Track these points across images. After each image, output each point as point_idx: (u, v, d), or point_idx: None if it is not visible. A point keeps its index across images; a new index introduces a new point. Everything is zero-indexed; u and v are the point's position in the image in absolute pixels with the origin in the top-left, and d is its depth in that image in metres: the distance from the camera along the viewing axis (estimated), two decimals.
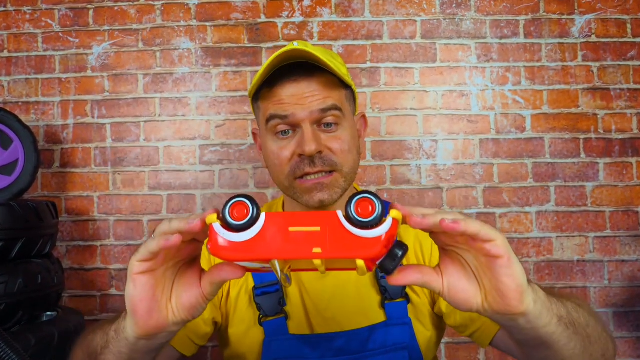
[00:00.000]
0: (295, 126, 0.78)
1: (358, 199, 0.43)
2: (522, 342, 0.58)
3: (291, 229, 0.43)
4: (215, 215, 0.45)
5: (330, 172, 0.78)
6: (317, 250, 0.42)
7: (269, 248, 0.43)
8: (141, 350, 0.55)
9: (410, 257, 0.83)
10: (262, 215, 0.44)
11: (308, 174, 0.77)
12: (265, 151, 0.83)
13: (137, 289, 0.50)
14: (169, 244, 0.46)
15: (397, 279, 0.48)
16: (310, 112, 0.77)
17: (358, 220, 0.43)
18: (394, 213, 0.45)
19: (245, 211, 0.44)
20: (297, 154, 0.78)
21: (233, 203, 0.44)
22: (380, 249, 0.43)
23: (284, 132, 0.79)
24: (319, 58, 0.74)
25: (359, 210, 0.43)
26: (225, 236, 0.44)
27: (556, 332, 0.53)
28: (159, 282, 0.51)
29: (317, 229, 0.43)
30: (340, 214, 0.44)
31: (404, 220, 0.47)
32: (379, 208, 0.43)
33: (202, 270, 0.53)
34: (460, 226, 0.45)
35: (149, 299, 0.50)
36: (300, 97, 0.77)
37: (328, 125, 0.79)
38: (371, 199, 0.43)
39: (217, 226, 0.44)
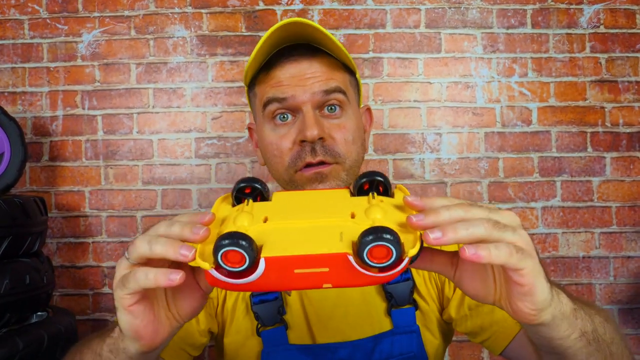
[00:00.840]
0: (295, 110, 0.73)
1: (372, 246, 0.38)
2: (535, 344, 0.55)
3: (297, 271, 0.40)
4: (207, 264, 0.40)
5: (332, 163, 0.73)
6: (327, 285, 0.41)
7: (275, 285, 0.41)
8: None
9: (426, 280, 0.78)
10: (262, 262, 0.40)
11: (309, 164, 0.71)
12: (263, 142, 0.77)
13: (137, 319, 0.46)
14: (173, 284, 0.42)
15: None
16: (312, 94, 0.71)
17: (371, 265, 0.39)
18: (411, 252, 0.40)
19: (240, 258, 0.39)
20: (298, 142, 0.72)
21: (224, 251, 0.39)
22: (393, 277, 0.41)
23: (283, 117, 0.73)
24: (321, 33, 0.69)
25: (373, 255, 0.38)
26: (224, 280, 0.41)
27: (574, 346, 0.49)
28: (153, 300, 0.48)
29: (326, 269, 0.40)
30: (351, 258, 0.39)
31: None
32: (395, 253, 0.38)
33: (190, 267, 0.50)
34: (483, 258, 0.40)
35: (152, 321, 0.48)
36: (301, 78, 0.72)
37: (331, 109, 0.73)
38: (388, 246, 0.38)
39: (213, 272, 0.41)
